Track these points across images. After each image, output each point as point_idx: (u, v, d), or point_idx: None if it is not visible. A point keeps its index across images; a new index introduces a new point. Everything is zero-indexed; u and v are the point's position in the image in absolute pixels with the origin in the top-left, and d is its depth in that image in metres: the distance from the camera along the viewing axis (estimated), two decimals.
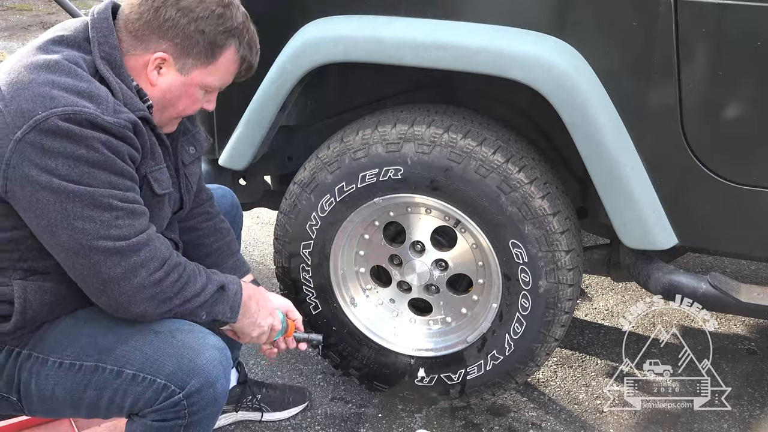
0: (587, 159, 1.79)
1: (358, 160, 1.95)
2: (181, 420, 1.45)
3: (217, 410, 1.50)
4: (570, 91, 1.73)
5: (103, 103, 1.35)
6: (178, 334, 1.46)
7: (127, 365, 1.44)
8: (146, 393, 1.43)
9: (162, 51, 1.45)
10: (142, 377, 1.43)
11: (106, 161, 1.34)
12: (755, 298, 1.84)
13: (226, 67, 1.52)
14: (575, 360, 2.49)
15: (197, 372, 1.43)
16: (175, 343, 1.45)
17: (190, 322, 1.51)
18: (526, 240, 1.87)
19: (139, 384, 1.43)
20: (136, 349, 1.45)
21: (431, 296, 2.14)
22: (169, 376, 1.42)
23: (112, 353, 1.45)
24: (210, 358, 1.45)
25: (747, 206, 1.77)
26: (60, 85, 1.34)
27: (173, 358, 1.43)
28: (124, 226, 1.37)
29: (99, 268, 1.37)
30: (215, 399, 1.47)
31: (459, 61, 1.80)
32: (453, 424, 2.20)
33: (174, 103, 1.51)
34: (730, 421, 2.20)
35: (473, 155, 1.86)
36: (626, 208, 1.80)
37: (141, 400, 1.44)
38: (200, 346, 1.45)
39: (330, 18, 1.93)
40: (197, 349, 1.45)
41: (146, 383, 1.43)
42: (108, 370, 1.45)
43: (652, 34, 1.69)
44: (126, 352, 1.45)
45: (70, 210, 1.33)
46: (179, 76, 1.48)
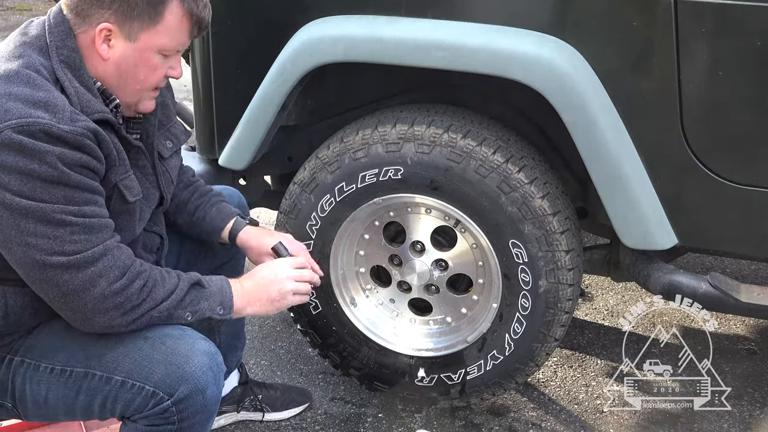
0: (587, 159, 1.79)
1: (358, 160, 1.95)
2: (171, 426, 1.44)
3: (208, 416, 1.48)
4: (570, 91, 1.73)
5: (59, 112, 1.32)
6: (167, 340, 1.44)
7: (116, 372, 1.43)
8: (136, 399, 1.43)
9: (105, 21, 1.40)
10: (131, 384, 1.42)
11: (61, 176, 1.31)
12: (755, 298, 1.84)
13: (175, 24, 1.44)
14: (575, 360, 2.49)
15: (186, 379, 1.41)
16: (164, 350, 1.43)
17: (182, 327, 1.48)
18: (526, 240, 1.87)
19: (128, 390, 1.43)
20: (124, 355, 1.43)
21: (431, 296, 2.14)
22: (157, 383, 1.41)
23: (102, 359, 1.44)
24: (199, 364, 1.43)
25: (747, 206, 1.77)
26: (15, 96, 1.31)
27: (162, 364, 1.41)
28: (79, 241, 1.34)
29: (56, 281, 1.34)
30: (205, 406, 1.44)
31: (459, 61, 1.80)
32: (453, 424, 2.20)
33: (132, 74, 1.45)
34: (730, 421, 2.20)
35: (473, 155, 1.86)
36: (626, 208, 1.80)
37: (131, 406, 1.44)
38: (189, 352, 1.43)
39: (330, 18, 1.93)
40: (186, 355, 1.43)
41: (135, 390, 1.42)
42: (98, 376, 1.44)
43: (652, 34, 1.69)
44: (115, 358, 1.44)
45: (23, 226, 1.30)
46: (129, 43, 1.42)
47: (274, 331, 2.64)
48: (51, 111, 1.31)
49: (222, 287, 1.54)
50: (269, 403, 2.17)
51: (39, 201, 1.30)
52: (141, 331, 1.45)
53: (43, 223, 1.31)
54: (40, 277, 1.35)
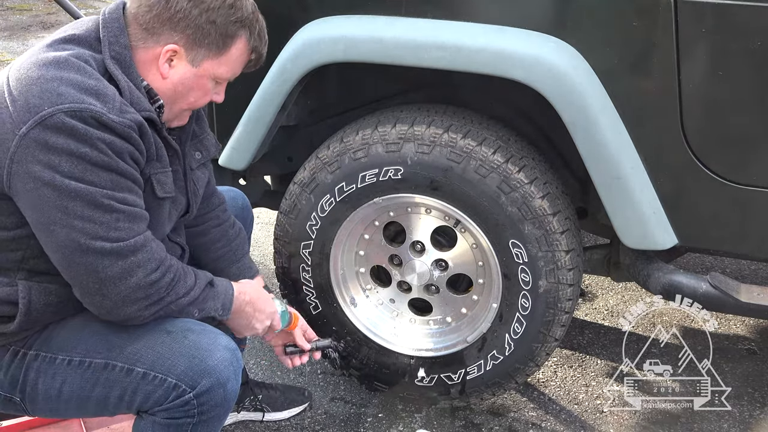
0: (587, 159, 1.79)
1: (358, 160, 1.95)
2: (191, 419, 1.46)
3: (227, 410, 1.51)
4: (570, 91, 1.73)
5: (110, 102, 1.34)
6: (190, 335, 1.46)
7: (137, 363, 1.44)
8: (157, 391, 1.44)
9: (173, 43, 1.44)
10: (153, 375, 1.43)
11: (110, 162, 1.33)
12: (755, 298, 1.84)
13: (237, 57, 1.51)
14: (575, 360, 2.49)
15: (208, 372, 1.43)
16: (186, 343, 1.45)
17: (202, 323, 1.51)
18: (526, 240, 1.87)
19: (149, 382, 1.44)
20: (147, 347, 1.45)
21: (431, 296, 2.14)
22: (180, 376, 1.43)
23: (123, 351, 1.45)
24: (221, 358, 1.45)
25: (747, 206, 1.77)
26: (68, 81, 1.33)
27: (185, 357, 1.43)
28: (123, 229, 1.36)
29: (95, 267, 1.35)
30: (225, 399, 1.47)
31: (459, 61, 1.80)
32: (453, 424, 2.20)
33: (185, 95, 1.50)
34: (730, 421, 2.20)
35: (473, 155, 1.86)
36: (626, 208, 1.80)
37: (151, 399, 1.44)
38: (212, 346, 1.46)
39: (330, 18, 1.93)
40: (209, 350, 1.45)
41: (157, 382, 1.43)
42: (118, 367, 1.45)
43: (652, 34, 1.69)
44: (137, 350, 1.45)
45: (70, 208, 1.32)
46: (190, 67, 1.47)
47: None
48: (102, 100, 1.33)
49: (227, 289, 1.58)
50: (269, 403, 2.17)
51: (88, 184, 1.32)
52: (162, 325, 1.47)
53: (90, 207, 1.32)
54: (80, 261, 1.35)
